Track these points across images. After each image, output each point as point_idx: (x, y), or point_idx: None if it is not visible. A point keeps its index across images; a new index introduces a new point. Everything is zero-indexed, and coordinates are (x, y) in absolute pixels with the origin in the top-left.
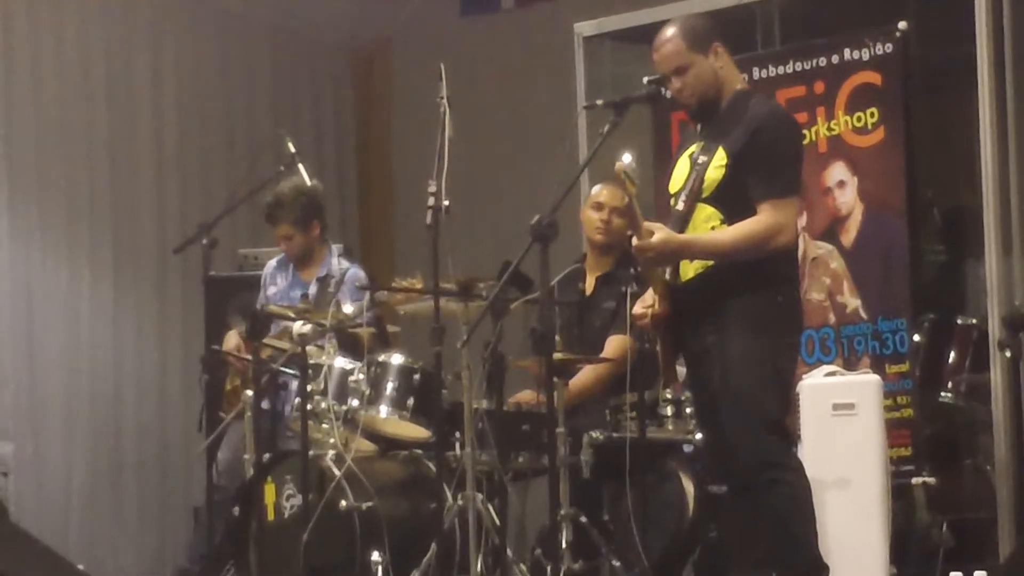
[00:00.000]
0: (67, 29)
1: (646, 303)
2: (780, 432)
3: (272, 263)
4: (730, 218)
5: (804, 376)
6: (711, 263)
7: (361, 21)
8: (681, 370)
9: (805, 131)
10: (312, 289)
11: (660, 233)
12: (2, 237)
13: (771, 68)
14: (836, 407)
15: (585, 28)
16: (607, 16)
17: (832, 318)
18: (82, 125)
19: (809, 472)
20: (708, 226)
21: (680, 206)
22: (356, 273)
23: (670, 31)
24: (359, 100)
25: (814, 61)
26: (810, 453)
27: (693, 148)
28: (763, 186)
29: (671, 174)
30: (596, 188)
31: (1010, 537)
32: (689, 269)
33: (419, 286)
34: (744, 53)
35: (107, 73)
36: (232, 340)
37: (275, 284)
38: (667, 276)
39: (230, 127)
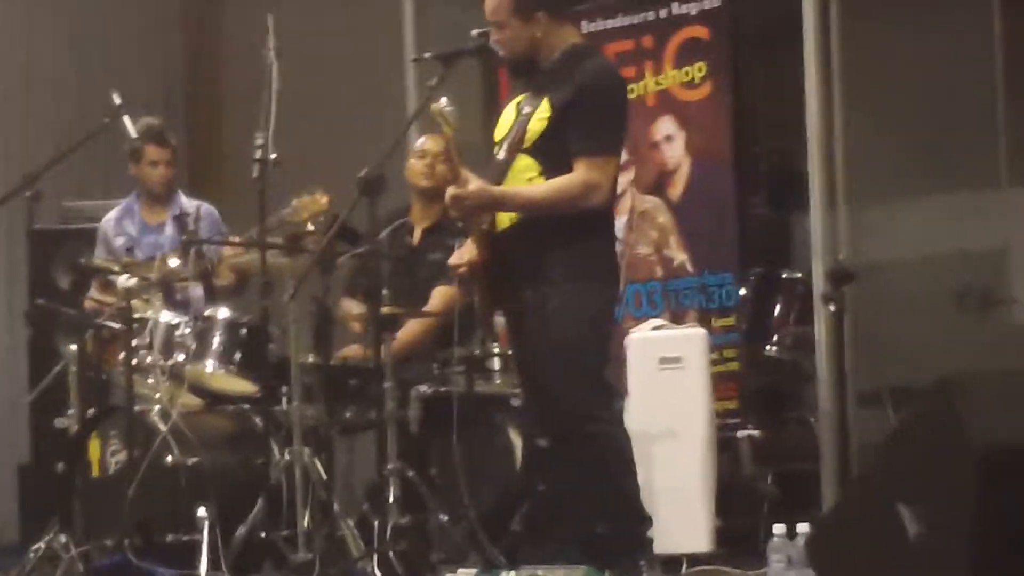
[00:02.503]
0: None
1: (463, 253)
2: (600, 385)
3: (111, 216)
4: (548, 171)
5: (631, 330)
6: None
7: None
8: (500, 321)
9: (633, 85)
10: (169, 230)
11: (475, 183)
12: None
13: (600, 21)
14: (663, 361)
15: None
16: None
17: (659, 272)
18: None
19: (636, 425)
20: (525, 177)
21: (501, 155)
22: (210, 209)
23: None
24: (187, 46)
25: (642, 15)
26: (637, 406)
27: (520, 98)
28: (582, 142)
29: (498, 125)
30: (421, 139)
31: (833, 489)
32: (505, 219)
33: (323, 201)
34: (574, 6)
35: None
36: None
37: (123, 234)
38: (484, 226)
39: (56, 77)
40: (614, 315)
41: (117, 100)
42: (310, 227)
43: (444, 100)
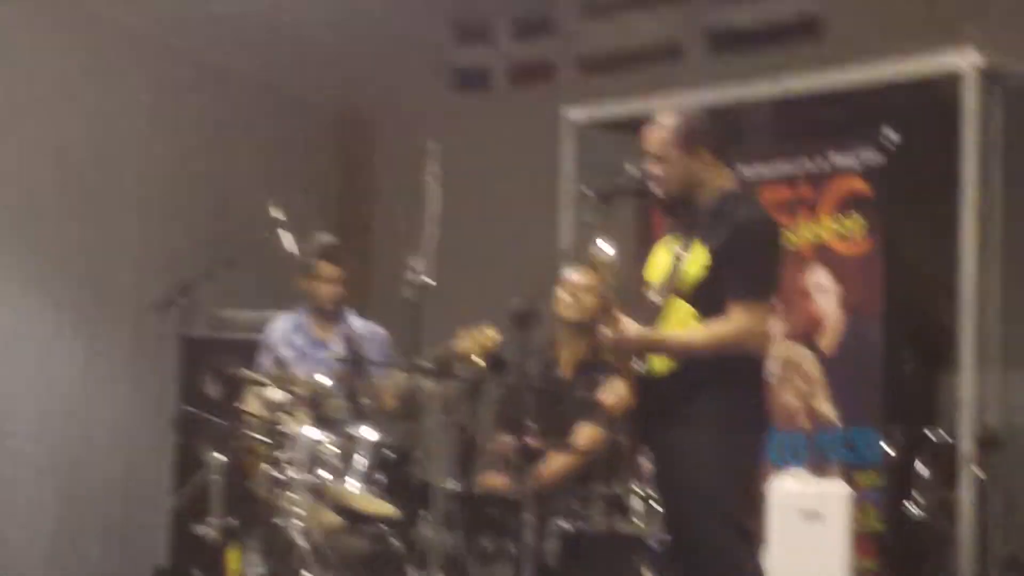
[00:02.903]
0: (53, 84)
1: (614, 395)
2: (741, 534)
3: (281, 325)
4: (705, 315)
5: (774, 480)
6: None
7: (351, 86)
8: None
9: (788, 234)
10: (336, 347)
11: (632, 327)
12: None
13: (757, 167)
14: (804, 514)
15: (575, 114)
16: (599, 103)
17: (805, 423)
18: (67, 179)
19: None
20: (681, 321)
21: (656, 299)
22: (380, 332)
23: (663, 119)
24: (345, 166)
25: (801, 164)
26: (776, 558)
27: (674, 242)
28: (738, 288)
29: (650, 265)
30: (571, 272)
31: None
32: (659, 363)
33: (491, 335)
34: (732, 151)
35: (94, 128)
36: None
37: (291, 346)
38: (637, 369)
39: (214, 188)
40: (760, 464)
41: (277, 215)
42: (475, 359)
43: (604, 245)
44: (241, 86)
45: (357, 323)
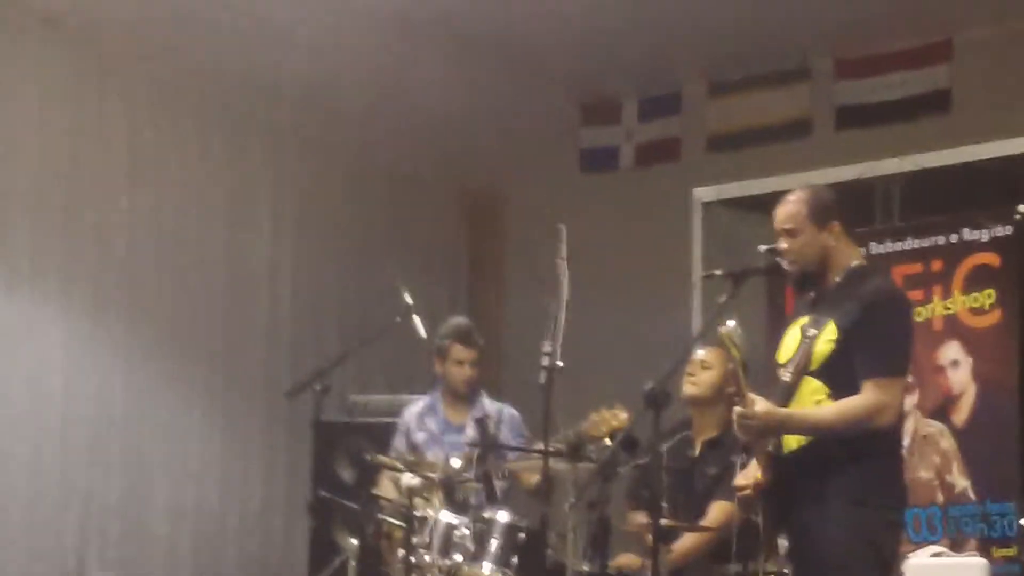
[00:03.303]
0: (188, 179)
1: (748, 474)
2: None
3: (415, 408)
4: (836, 392)
5: (910, 555)
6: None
7: (479, 168)
8: (783, 543)
9: (921, 308)
10: (470, 430)
11: (762, 405)
12: (117, 369)
13: (889, 243)
14: None
15: (704, 194)
16: (726, 182)
17: (940, 497)
18: (200, 263)
19: None
20: (813, 399)
21: (787, 377)
22: (512, 413)
23: (796, 194)
24: (473, 249)
25: (932, 239)
26: None
27: (804, 319)
28: (870, 364)
29: (782, 344)
30: (699, 351)
31: None
32: (792, 441)
33: (622, 416)
34: (862, 227)
35: (226, 216)
36: (387, 486)
37: (423, 429)
38: (770, 447)
39: (342, 271)
40: (900, 539)
41: (408, 299)
42: (607, 442)
43: (732, 323)
44: (369, 171)
45: (490, 405)
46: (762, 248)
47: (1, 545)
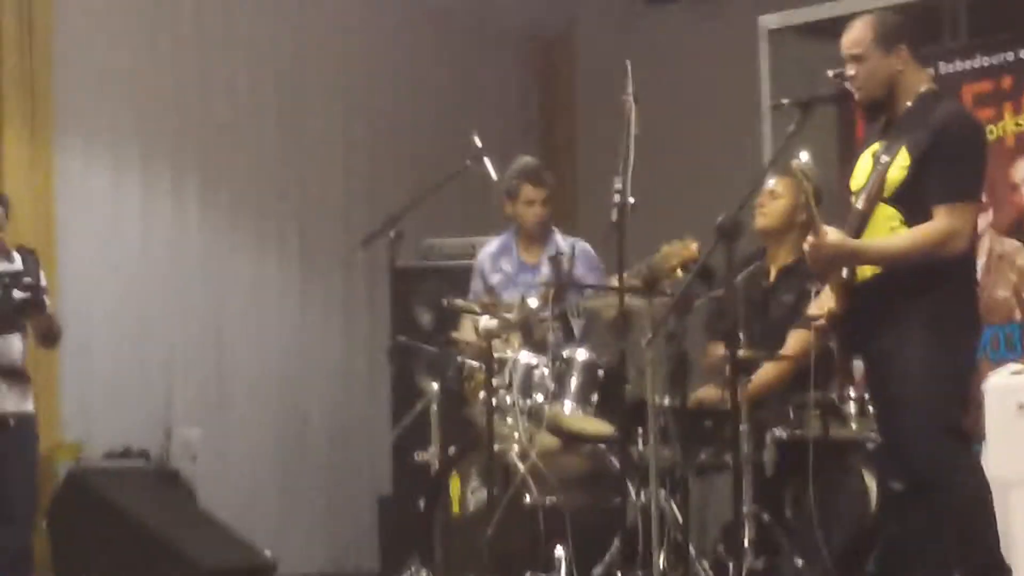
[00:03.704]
0: (257, 24)
1: (822, 303)
2: (957, 435)
3: (489, 250)
4: (910, 219)
5: (990, 374)
6: None
7: (545, 10)
8: (859, 368)
9: (992, 127)
10: (544, 269)
11: (834, 235)
12: (193, 228)
13: (957, 63)
14: (1022, 406)
15: (770, 21)
16: (793, 7)
17: (1018, 315)
18: (272, 118)
19: (994, 471)
20: (888, 226)
21: (860, 204)
22: (585, 247)
23: (862, 19)
24: (544, 90)
25: (1001, 56)
26: (995, 452)
27: (876, 146)
28: (941, 190)
29: (854, 172)
30: (770, 181)
31: None
32: (866, 269)
33: (693, 247)
34: (930, 47)
35: (295, 66)
36: (467, 328)
37: (498, 271)
38: (844, 275)
39: (415, 119)
40: (975, 363)
41: (478, 142)
42: (679, 273)
43: (804, 156)
44: (436, 14)
45: (563, 242)
46: (830, 73)
47: (88, 400)
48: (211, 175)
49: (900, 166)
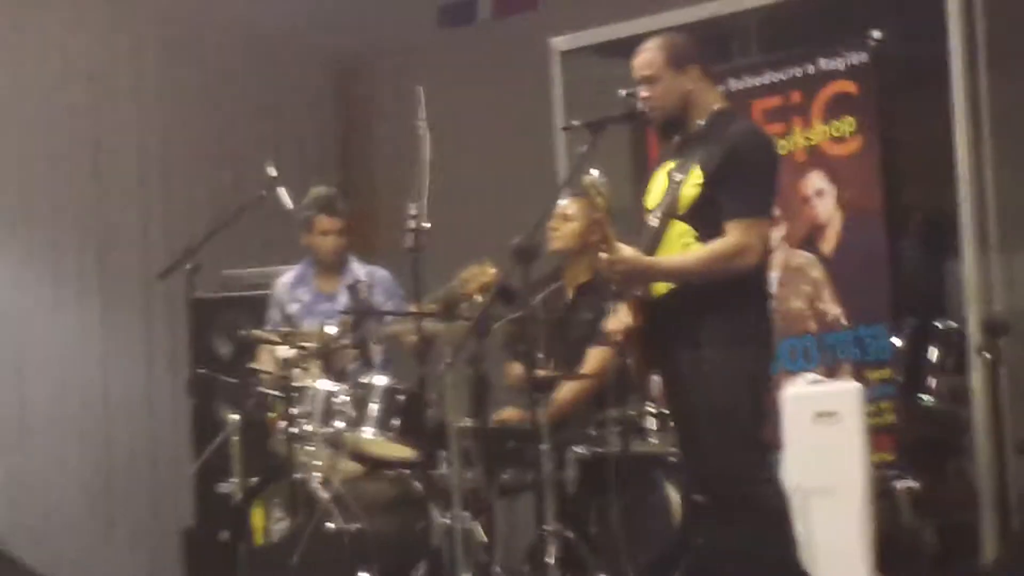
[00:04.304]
0: (49, 47)
1: (619, 320)
2: (753, 446)
3: (285, 280)
4: (704, 235)
5: (787, 385)
6: None
7: (341, 36)
8: (657, 384)
9: (783, 141)
10: (343, 298)
11: (627, 251)
12: None
13: (747, 79)
14: (818, 415)
15: (562, 43)
16: (584, 29)
17: (813, 326)
18: (65, 148)
19: (792, 480)
20: (681, 242)
21: (654, 222)
22: (383, 274)
23: (652, 41)
24: (342, 117)
25: (790, 72)
26: (793, 461)
27: (671, 164)
28: (733, 205)
29: (648, 190)
30: (563, 202)
31: (993, 539)
32: (661, 286)
33: (491, 271)
34: (720, 64)
35: (91, 95)
36: (266, 359)
37: (296, 300)
38: (639, 293)
39: (213, 147)
40: (769, 375)
41: (272, 172)
42: (478, 298)
43: (595, 172)
44: (234, 41)
45: (360, 269)
46: (622, 93)
47: None
48: (5, 209)
49: (693, 183)
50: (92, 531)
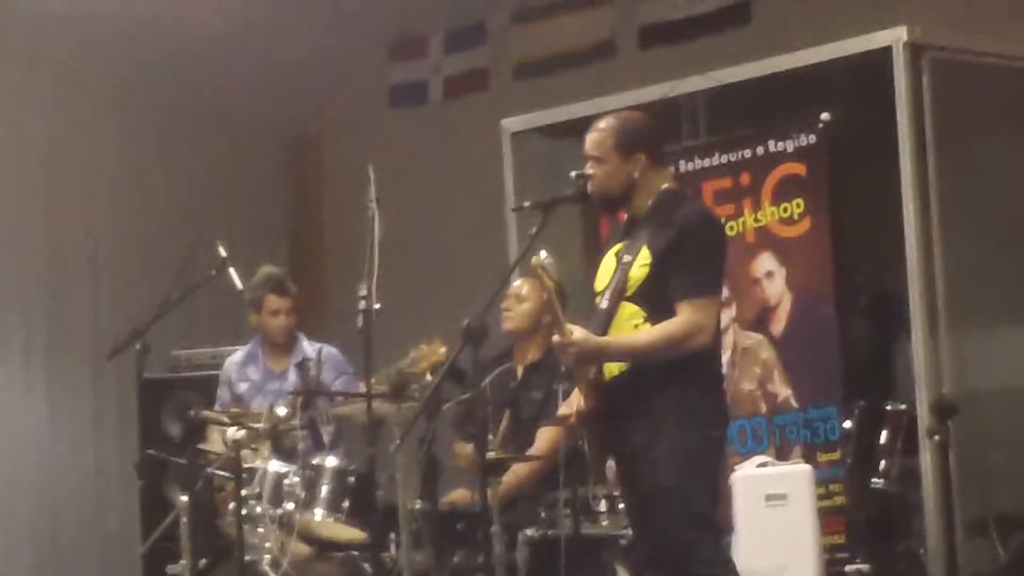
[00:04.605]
0: (1, 115)
1: (571, 402)
2: (707, 527)
3: (234, 359)
4: (653, 316)
5: (736, 467)
6: None
7: (293, 114)
8: (612, 466)
9: (732, 223)
10: (292, 377)
11: (579, 333)
12: None
13: (697, 161)
14: (769, 497)
15: (513, 124)
16: (535, 110)
17: (763, 407)
18: (16, 226)
19: (744, 562)
20: (631, 324)
21: (604, 304)
22: (332, 351)
23: (604, 122)
24: (292, 194)
25: (739, 153)
26: (744, 543)
27: (619, 246)
28: (683, 286)
29: (599, 272)
30: (516, 283)
31: None
32: (614, 367)
33: (441, 351)
34: (671, 146)
35: (44, 173)
36: (215, 439)
37: (245, 380)
38: (591, 375)
39: (163, 225)
40: (723, 456)
41: (223, 252)
42: (429, 377)
43: (543, 253)
44: (188, 117)
45: (309, 348)
46: (573, 174)
47: None
48: None
49: (641, 264)
50: None
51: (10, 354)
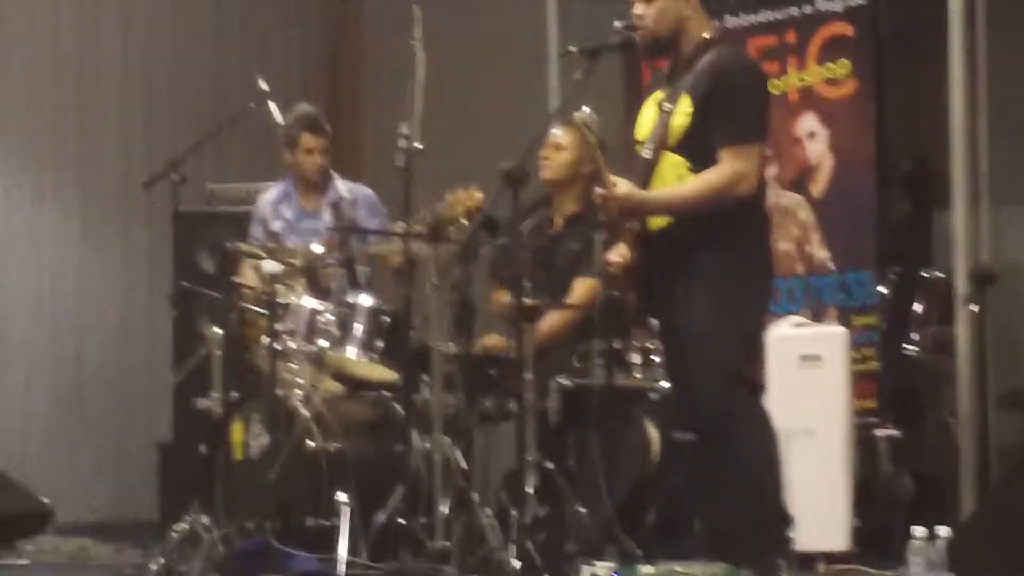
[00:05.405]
0: None
1: (620, 251)
2: (745, 383)
3: (268, 197)
4: (697, 165)
5: (772, 327)
6: None
7: None
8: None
9: (776, 81)
10: (326, 216)
11: (623, 187)
12: None
13: (742, 16)
14: (803, 358)
15: None
16: None
17: (800, 268)
18: (47, 61)
19: (775, 422)
20: (675, 174)
21: (647, 154)
22: (366, 191)
23: None
24: (331, 34)
25: (786, 10)
26: (776, 403)
27: (660, 95)
28: (724, 132)
29: (639, 122)
30: (554, 131)
31: (971, 492)
32: (658, 219)
33: (478, 195)
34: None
35: (74, 11)
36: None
37: (280, 218)
38: (636, 227)
39: (197, 64)
40: (766, 311)
41: (263, 86)
42: (463, 221)
43: (586, 109)
44: None
45: (344, 188)
46: (618, 24)
47: None
48: None
49: (683, 113)
50: (68, 444)
51: (42, 187)
